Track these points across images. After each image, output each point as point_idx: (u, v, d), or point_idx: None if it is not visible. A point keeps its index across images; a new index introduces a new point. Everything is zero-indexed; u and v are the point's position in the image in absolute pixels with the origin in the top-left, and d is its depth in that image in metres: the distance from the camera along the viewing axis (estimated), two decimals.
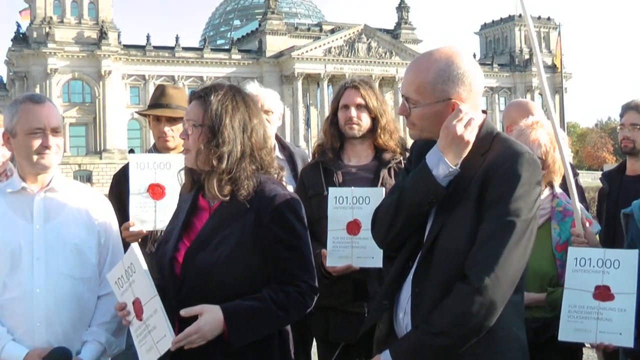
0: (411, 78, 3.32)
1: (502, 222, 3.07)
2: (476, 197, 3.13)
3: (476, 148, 3.25)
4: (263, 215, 3.54)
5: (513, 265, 3.07)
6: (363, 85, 5.24)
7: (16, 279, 3.90)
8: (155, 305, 3.47)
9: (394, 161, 5.19)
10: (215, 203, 3.67)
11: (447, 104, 3.24)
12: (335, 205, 4.84)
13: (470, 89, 3.27)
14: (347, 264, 4.80)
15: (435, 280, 3.18)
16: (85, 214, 4.14)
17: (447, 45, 3.37)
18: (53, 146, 3.99)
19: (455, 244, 3.14)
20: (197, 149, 3.58)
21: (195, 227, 3.69)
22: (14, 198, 4.03)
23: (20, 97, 4.12)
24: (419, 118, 3.30)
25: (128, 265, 3.58)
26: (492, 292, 3.03)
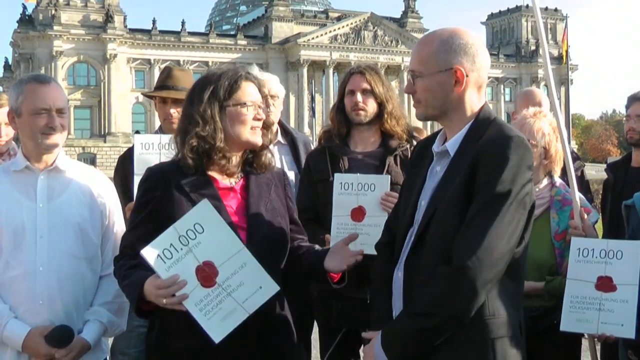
0: (416, 52, 3.35)
1: (488, 204, 3.05)
2: (466, 182, 3.11)
3: (472, 134, 3.26)
4: (283, 185, 3.92)
5: (497, 248, 3.03)
6: (369, 71, 5.23)
7: (19, 257, 3.90)
8: (244, 259, 3.34)
9: (400, 148, 5.19)
10: (238, 181, 3.73)
11: (450, 74, 3.24)
12: (340, 191, 4.84)
13: (474, 61, 3.27)
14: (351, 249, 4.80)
15: (427, 265, 3.17)
16: (89, 194, 4.15)
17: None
18: (58, 126, 3.99)
19: (446, 230, 3.13)
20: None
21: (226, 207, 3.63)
22: (17, 177, 4.04)
23: (26, 76, 4.12)
24: (424, 90, 3.30)
25: (189, 227, 3.29)
26: (473, 274, 2.99)
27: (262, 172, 3.78)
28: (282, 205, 3.83)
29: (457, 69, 3.24)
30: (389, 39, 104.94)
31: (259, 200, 3.71)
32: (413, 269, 3.27)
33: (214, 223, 3.33)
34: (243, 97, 3.63)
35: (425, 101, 3.33)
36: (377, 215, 4.72)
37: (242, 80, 3.67)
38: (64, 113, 4.05)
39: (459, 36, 3.28)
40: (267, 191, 3.76)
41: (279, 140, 5.95)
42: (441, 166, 3.35)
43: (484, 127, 3.25)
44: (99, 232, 4.14)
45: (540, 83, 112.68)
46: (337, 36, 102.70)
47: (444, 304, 3.05)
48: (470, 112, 3.31)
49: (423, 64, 3.29)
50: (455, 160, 3.25)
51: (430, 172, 3.42)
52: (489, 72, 3.44)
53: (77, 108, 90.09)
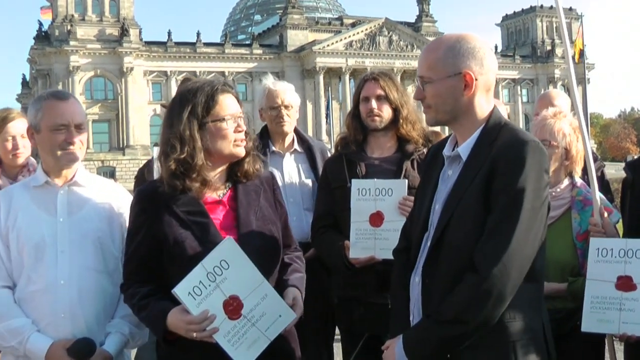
0: (424, 58, 3.36)
1: (509, 211, 3.07)
2: (483, 187, 3.13)
3: (484, 138, 3.26)
4: (272, 190, 3.90)
5: (521, 254, 3.07)
6: (383, 77, 5.24)
7: (40, 271, 3.93)
8: (265, 290, 3.49)
9: (417, 153, 5.19)
10: (226, 193, 3.75)
11: (459, 78, 3.26)
12: (358, 197, 4.86)
13: (482, 64, 3.28)
14: (369, 255, 4.83)
15: (445, 271, 3.19)
16: (108, 208, 4.17)
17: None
18: (77, 142, 4.03)
19: (464, 235, 3.15)
20: (247, 137, 3.76)
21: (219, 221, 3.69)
22: (37, 192, 4.08)
23: (44, 93, 4.16)
24: (433, 96, 3.31)
25: (216, 264, 3.43)
26: (500, 282, 3.03)
27: (248, 180, 3.79)
28: (272, 211, 3.83)
29: (466, 73, 3.25)
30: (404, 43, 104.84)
31: (249, 210, 3.72)
32: (431, 274, 3.28)
33: (238, 258, 3.46)
34: (221, 112, 3.64)
35: (436, 106, 3.34)
36: (395, 220, 4.73)
37: (219, 95, 3.66)
38: (83, 128, 4.08)
39: (466, 40, 3.30)
40: (256, 199, 3.77)
41: (296, 149, 5.97)
42: (453, 170, 3.37)
43: (496, 131, 3.27)
44: (119, 246, 4.14)
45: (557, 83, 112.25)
46: (352, 42, 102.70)
47: (472, 313, 3.07)
48: (481, 115, 3.33)
49: (431, 70, 3.30)
50: (468, 164, 3.27)
51: (442, 176, 3.44)
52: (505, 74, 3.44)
53: (95, 122, 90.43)
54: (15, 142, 5.55)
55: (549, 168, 3.23)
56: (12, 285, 3.98)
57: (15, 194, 4.10)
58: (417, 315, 3.36)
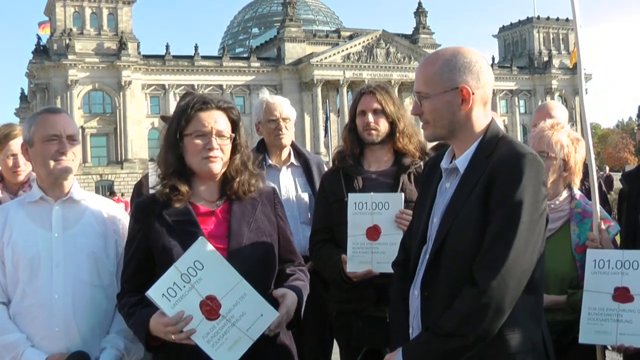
0: (420, 73, 3.37)
1: (507, 223, 3.07)
2: (482, 200, 3.14)
3: (481, 151, 3.27)
4: (273, 205, 3.94)
5: (520, 266, 3.07)
6: (379, 91, 5.25)
7: (35, 286, 3.95)
8: (243, 290, 3.47)
9: (414, 166, 5.19)
10: (220, 206, 3.79)
11: (455, 93, 3.26)
12: (355, 211, 4.86)
13: (479, 78, 3.28)
14: (367, 269, 4.82)
15: (444, 283, 3.20)
16: (103, 223, 4.20)
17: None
18: (69, 153, 4.06)
19: (463, 247, 3.16)
20: (229, 156, 3.79)
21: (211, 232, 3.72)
22: (33, 208, 4.11)
23: (39, 109, 4.23)
24: (431, 111, 3.32)
25: (189, 264, 3.43)
26: (498, 294, 3.03)
27: (240, 198, 3.81)
28: (269, 224, 3.86)
29: (463, 88, 3.26)
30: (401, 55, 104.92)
31: (241, 221, 3.75)
32: (430, 286, 3.28)
33: (213, 258, 3.46)
34: (192, 128, 3.73)
35: (433, 122, 3.35)
36: (392, 233, 4.73)
37: (195, 111, 3.75)
38: (75, 140, 4.11)
39: (462, 54, 3.30)
40: (251, 211, 3.80)
41: (292, 162, 5.99)
42: (451, 183, 3.38)
43: (493, 143, 3.28)
44: (113, 260, 4.17)
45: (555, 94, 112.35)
46: (350, 55, 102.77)
47: (471, 326, 3.07)
48: (478, 129, 3.34)
49: (428, 85, 3.31)
50: (465, 177, 3.27)
51: (439, 188, 3.45)
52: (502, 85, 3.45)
53: (94, 136, 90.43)
54: (16, 160, 5.60)
55: (546, 180, 3.26)
56: (7, 301, 3.99)
57: (11, 210, 4.13)
58: (416, 328, 3.37)
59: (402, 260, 3.68)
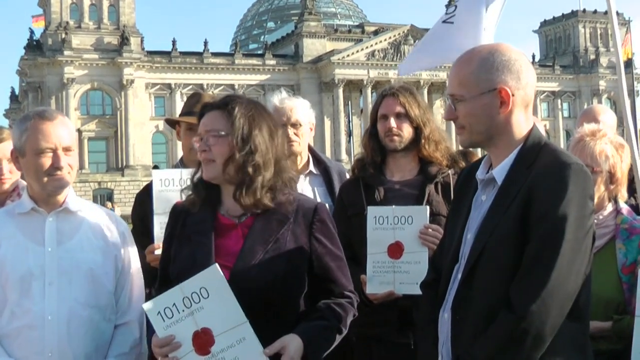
0: (454, 74, 3.35)
1: (549, 241, 3.05)
2: (520, 215, 3.12)
3: (521, 160, 3.25)
4: (309, 225, 3.78)
5: (563, 290, 3.04)
6: (402, 92, 5.24)
7: (26, 306, 3.94)
8: (244, 333, 3.43)
9: (441, 175, 5.18)
10: (246, 218, 3.75)
11: (494, 95, 3.25)
12: (375, 225, 4.85)
13: (519, 78, 3.27)
14: (388, 290, 4.81)
15: (477, 306, 3.18)
16: (102, 237, 4.20)
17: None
18: (65, 167, 4.04)
19: (500, 267, 3.13)
20: (225, 159, 3.69)
21: (227, 248, 3.73)
22: (23, 220, 4.09)
23: (31, 112, 4.18)
24: (466, 115, 3.31)
25: (195, 290, 3.43)
26: (538, 321, 3.00)
27: (266, 211, 3.73)
28: (297, 246, 3.73)
29: (502, 89, 3.24)
30: None
31: (259, 239, 3.70)
32: (461, 310, 3.27)
33: (221, 290, 3.44)
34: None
35: (469, 127, 3.33)
36: (416, 251, 4.73)
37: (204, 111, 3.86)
38: (72, 151, 4.09)
39: (500, 52, 3.29)
40: (276, 229, 3.72)
41: (311, 171, 5.95)
42: (487, 195, 3.36)
43: (535, 152, 3.25)
44: (112, 278, 4.17)
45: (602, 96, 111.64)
46: (375, 52, 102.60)
47: (508, 355, 3.06)
48: (519, 135, 3.31)
49: (463, 87, 3.29)
50: (503, 189, 3.25)
51: (474, 201, 3.43)
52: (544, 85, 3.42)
53: (92, 140, 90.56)
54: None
55: (593, 194, 3.21)
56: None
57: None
58: (445, 356, 3.35)
59: (432, 280, 3.66)
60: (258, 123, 3.74)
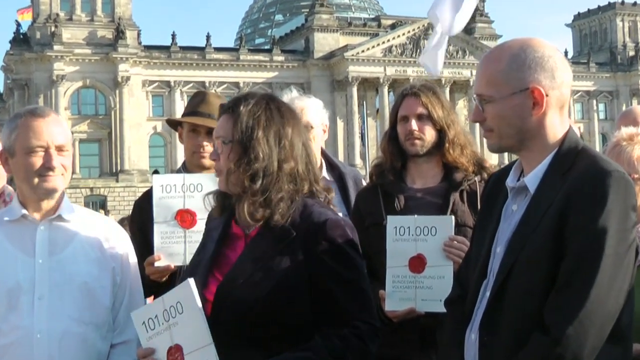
0: (482, 72, 3.35)
1: (588, 257, 3.02)
2: (555, 227, 3.10)
3: (556, 166, 3.24)
4: (313, 243, 3.63)
5: (603, 310, 3.02)
6: (425, 92, 5.23)
7: (13, 322, 3.94)
8: (209, 356, 3.45)
9: (467, 182, 5.18)
10: (253, 230, 3.75)
11: (526, 95, 3.24)
12: (395, 237, 4.84)
13: (554, 77, 3.26)
14: (409, 307, 4.81)
15: (508, 327, 3.17)
16: (98, 247, 4.20)
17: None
18: (58, 167, 4.04)
19: (533, 284, 3.12)
20: (227, 169, 3.68)
21: (228, 258, 3.77)
22: (12, 228, 4.10)
23: (22, 110, 4.19)
24: (495, 117, 3.30)
25: (173, 303, 3.52)
26: (576, 344, 2.98)
27: (270, 225, 3.68)
28: (294, 266, 3.61)
29: (535, 89, 3.23)
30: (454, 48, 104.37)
31: (252, 255, 3.68)
32: (490, 330, 3.26)
33: (192, 307, 3.50)
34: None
35: (499, 130, 3.32)
36: (440, 264, 4.73)
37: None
38: (66, 151, 4.10)
39: (533, 48, 3.28)
40: (273, 247, 3.65)
41: (324, 176, 5.95)
42: (518, 205, 3.35)
43: (571, 157, 3.24)
44: (109, 293, 4.18)
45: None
46: (392, 47, 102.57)
47: None
48: (553, 138, 3.30)
49: (492, 86, 3.29)
50: (536, 198, 3.24)
51: (504, 212, 3.42)
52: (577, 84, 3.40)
53: (84, 142, 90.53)
54: None
55: (636, 204, 3.18)
56: None
57: None
58: None
59: (458, 297, 3.65)
60: (265, 125, 3.69)
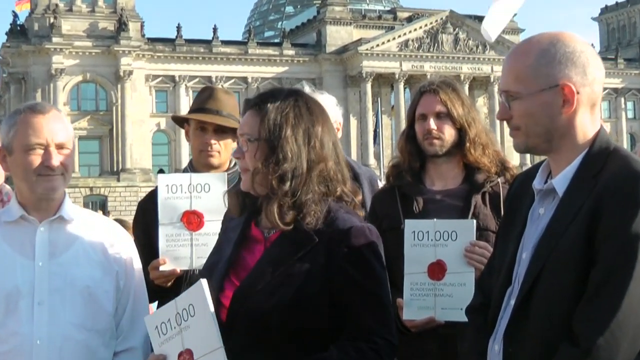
0: (509, 67, 3.34)
1: (620, 263, 3.01)
2: (585, 231, 3.08)
3: (587, 167, 3.22)
4: (336, 251, 3.62)
5: (636, 320, 2.99)
6: (444, 88, 5.23)
7: (11, 328, 3.94)
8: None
9: (490, 183, 5.18)
10: (273, 233, 3.75)
11: (556, 92, 3.22)
12: (413, 242, 4.84)
13: (585, 73, 3.24)
14: (428, 316, 4.81)
15: (534, 337, 3.16)
16: (101, 250, 4.20)
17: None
18: (58, 166, 4.04)
19: (561, 292, 3.11)
20: (254, 169, 3.68)
21: (246, 262, 3.76)
22: (11, 229, 4.10)
23: (22, 106, 4.20)
24: (523, 115, 3.29)
25: (185, 306, 3.53)
26: (607, 356, 2.97)
27: (295, 228, 3.67)
28: (314, 273, 3.61)
29: (565, 85, 3.21)
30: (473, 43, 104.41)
31: (272, 260, 3.68)
32: (515, 341, 3.25)
33: (203, 310, 3.50)
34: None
35: (526, 128, 3.31)
36: (461, 271, 4.73)
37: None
38: (66, 149, 4.10)
39: (563, 42, 3.26)
40: (293, 252, 3.64)
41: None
42: (546, 208, 3.34)
43: (602, 158, 3.22)
44: (112, 297, 4.18)
45: None
46: (408, 42, 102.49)
47: None
48: (583, 138, 3.29)
49: (520, 82, 3.28)
50: (565, 201, 3.23)
51: (531, 215, 3.41)
52: (604, 81, 3.38)
53: (83, 139, 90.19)
54: None
55: None
56: None
57: None
58: None
59: (480, 305, 3.64)
60: (293, 123, 3.68)
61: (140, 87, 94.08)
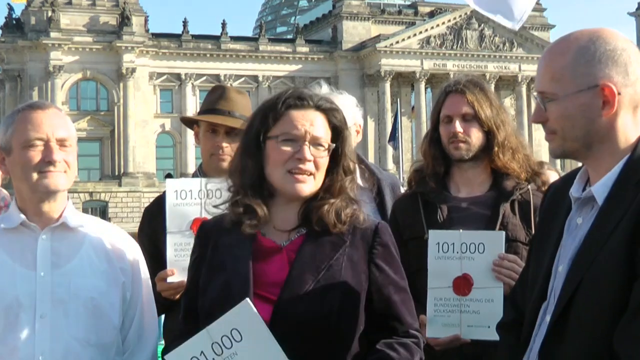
0: (544, 66, 3.32)
1: None
2: (627, 242, 3.05)
3: (629, 173, 3.19)
4: (369, 250, 3.84)
5: None
6: (471, 88, 5.21)
7: (11, 342, 3.95)
8: None
9: (519, 191, 5.16)
10: (290, 242, 3.79)
11: (595, 93, 3.20)
12: (437, 254, 4.81)
13: (627, 72, 3.21)
14: (453, 334, 4.79)
15: (571, 356, 3.13)
16: (107, 259, 4.21)
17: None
18: (60, 162, 4.03)
19: (600, 308, 3.08)
20: (323, 173, 3.82)
21: (268, 275, 3.75)
22: (10, 237, 4.10)
23: (20, 106, 4.20)
24: (559, 117, 3.26)
25: (226, 332, 3.45)
26: None
27: (323, 232, 3.77)
28: (355, 274, 3.76)
29: (605, 86, 3.19)
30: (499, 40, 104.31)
31: (309, 264, 3.71)
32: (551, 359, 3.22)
33: (256, 330, 3.44)
34: (279, 129, 3.78)
35: (562, 132, 3.29)
36: (488, 286, 4.71)
37: (286, 108, 3.81)
38: (68, 145, 4.11)
39: (604, 40, 3.24)
40: (329, 254, 3.74)
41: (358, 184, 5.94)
42: (584, 218, 3.31)
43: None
44: (118, 310, 4.18)
45: None
46: (430, 38, 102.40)
47: None
48: (625, 143, 3.26)
49: (556, 82, 3.26)
50: (605, 210, 3.20)
51: (568, 225, 3.39)
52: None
53: (83, 141, 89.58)
54: None
55: None
56: None
57: None
58: None
59: (512, 321, 3.64)
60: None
61: (144, 85, 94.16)
